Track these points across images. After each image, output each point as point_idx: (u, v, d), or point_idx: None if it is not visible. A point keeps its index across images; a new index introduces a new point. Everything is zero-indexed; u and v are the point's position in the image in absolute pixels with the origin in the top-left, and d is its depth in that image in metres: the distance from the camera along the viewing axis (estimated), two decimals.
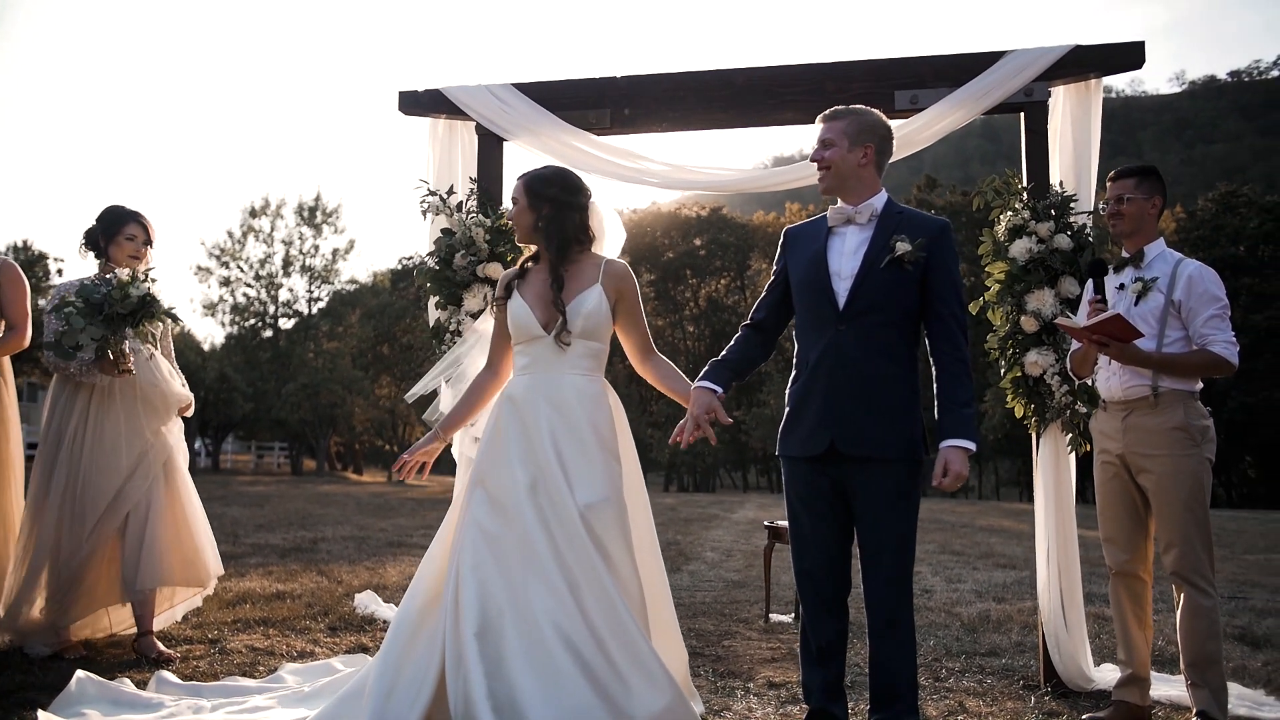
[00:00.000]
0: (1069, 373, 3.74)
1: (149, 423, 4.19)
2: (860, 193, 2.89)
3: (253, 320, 43.70)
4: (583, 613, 2.70)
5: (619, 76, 4.52)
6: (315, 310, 44.43)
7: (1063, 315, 3.82)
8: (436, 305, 4.37)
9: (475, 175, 4.51)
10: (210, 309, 43.30)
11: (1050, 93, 4.11)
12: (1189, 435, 3.23)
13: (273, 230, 43.44)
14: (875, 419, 2.74)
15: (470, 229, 4.26)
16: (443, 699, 2.72)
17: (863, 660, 3.59)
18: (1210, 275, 3.29)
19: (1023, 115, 4.18)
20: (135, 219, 4.28)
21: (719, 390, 2.90)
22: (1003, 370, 4.02)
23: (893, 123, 3.25)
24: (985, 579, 7.60)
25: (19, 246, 38.56)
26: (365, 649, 4.34)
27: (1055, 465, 3.97)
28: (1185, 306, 3.25)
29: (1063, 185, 4.02)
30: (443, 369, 4.19)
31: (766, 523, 5.80)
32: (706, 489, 46.57)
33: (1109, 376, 3.40)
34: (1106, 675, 3.89)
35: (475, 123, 4.53)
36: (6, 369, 4.21)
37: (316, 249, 43.87)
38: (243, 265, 43.15)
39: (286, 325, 44.33)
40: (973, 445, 2.70)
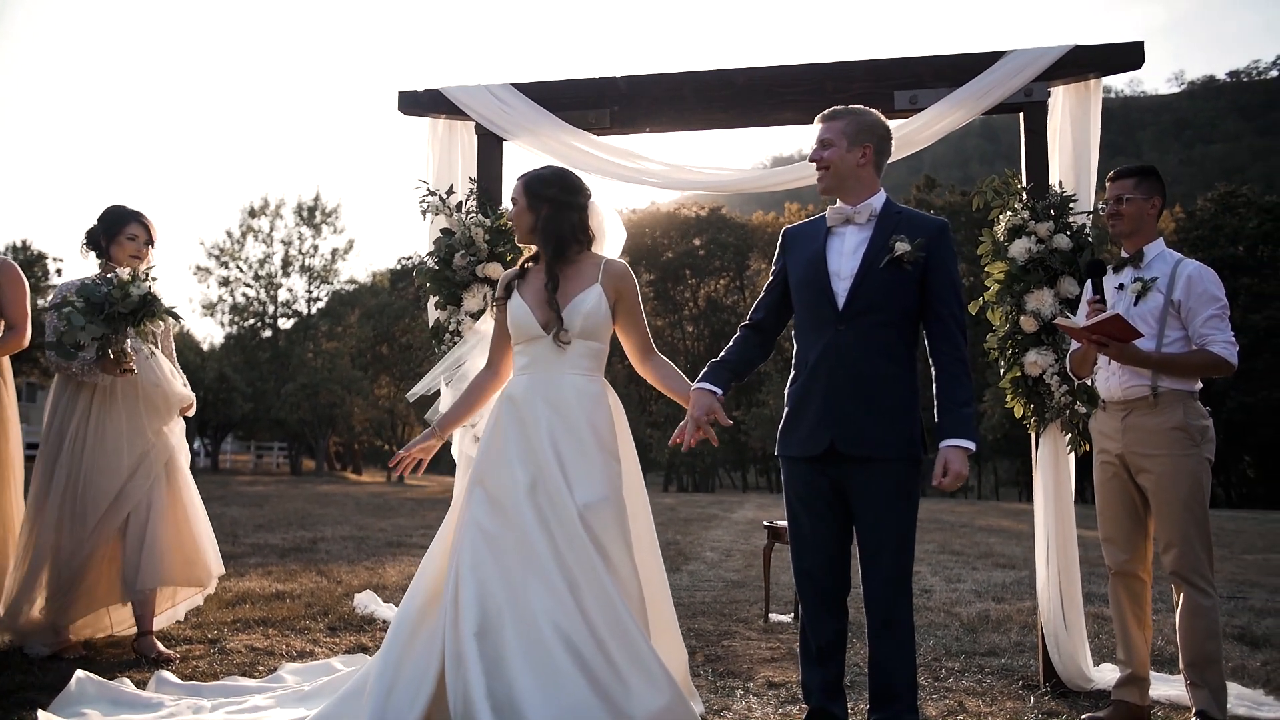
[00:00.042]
0: (1068, 373, 3.74)
1: (151, 422, 4.19)
2: (859, 193, 2.89)
3: (252, 320, 43.66)
4: (582, 612, 2.70)
5: (618, 77, 4.52)
6: (314, 310, 44.39)
7: (1062, 315, 3.82)
8: (436, 305, 4.37)
9: (475, 175, 4.51)
10: (209, 309, 43.25)
11: (1050, 93, 4.11)
12: (1188, 435, 3.24)
13: (272, 230, 43.39)
14: (875, 419, 2.74)
15: (470, 229, 4.26)
16: (442, 698, 2.72)
17: (862, 660, 3.59)
18: (1209, 275, 3.29)
19: (1022, 115, 4.19)
20: (137, 219, 4.28)
21: (718, 392, 2.89)
22: (1002, 370, 4.02)
23: (892, 123, 3.26)
24: (984, 579, 7.60)
25: (18, 246, 38.50)
26: (365, 649, 4.34)
27: (1055, 465, 3.97)
28: (1185, 306, 3.26)
29: (1062, 185, 4.02)
30: (444, 369, 4.19)
31: (766, 522, 5.80)
32: (706, 489, 46.56)
33: (1108, 376, 3.40)
34: (1106, 675, 3.89)
35: (475, 123, 4.53)
36: (6, 369, 4.20)
37: (316, 249, 43.83)
38: (242, 265, 43.10)
39: (286, 325, 44.30)
40: (972, 445, 2.70)
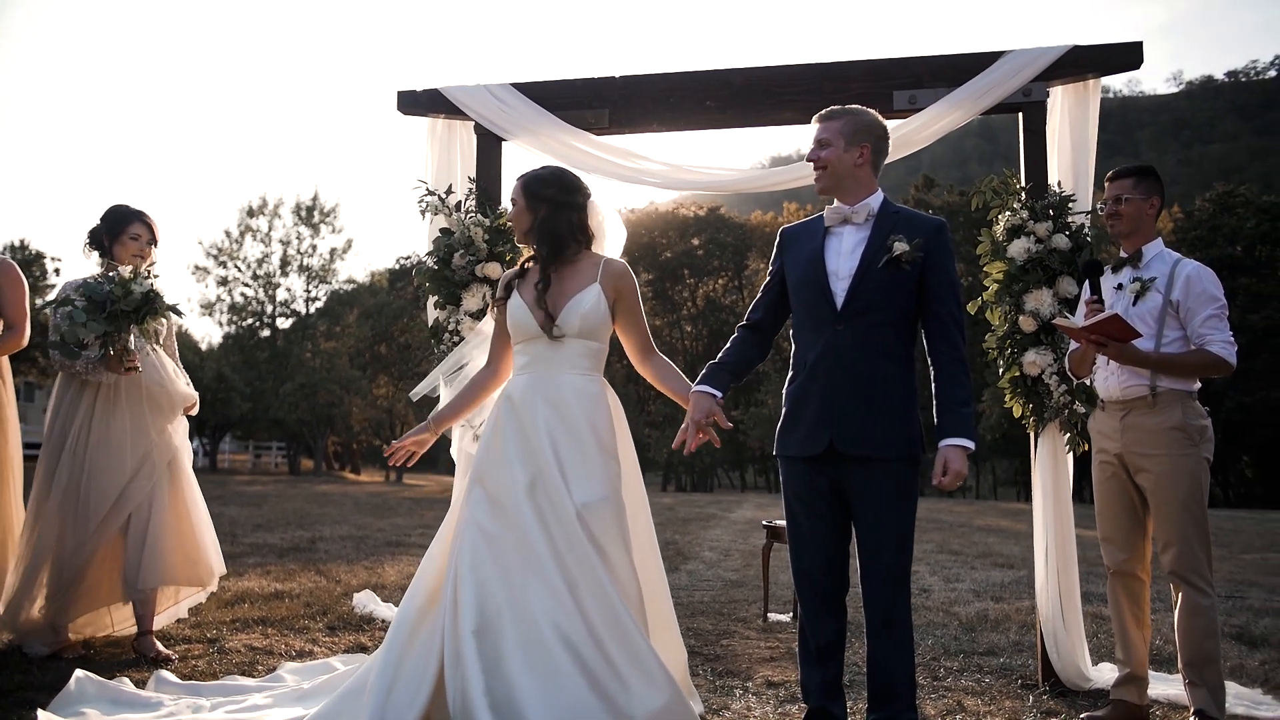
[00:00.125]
0: (1067, 372, 3.74)
1: (154, 422, 4.18)
2: (856, 192, 2.89)
3: (250, 320, 43.58)
4: (581, 612, 2.70)
5: (617, 76, 4.52)
6: (313, 310, 44.31)
7: (1061, 315, 3.82)
8: (435, 305, 4.37)
9: (474, 175, 4.52)
10: (208, 308, 43.17)
11: (1048, 93, 4.12)
12: (1187, 435, 3.24)
13: (270, 230, 43.30)
14: (874, 419, 2.74)
15: (469, 229, 4.26)
16: (442, 697, 2.72)
17: (861, 659, 3.59)
18: (1208, 275, 3.29)
19: (1021, 115, 4.19)
20: (139, 218, 4.27)
21: (718, 395, 2.89)
22: (1001, 370, 4.03)
23: (891, 123, 3.26)
24: (983, 578, 7.60)
25: (16, 246, 38.43)
26: (364, 648, 4.34)
27: (1053, 465, 3.97)
28: (1183, 306, 3.26)
29: (1061, 185, 4.02)
30: (446, 370, 4.18)
31: (765, 522, 5.80)
32: (704, 489, 46.58)
33: (1107, 376, 3.41)
34: (1104, 674, 3.90)
35: (474, 122, 4.53)
36: (5, 369, 4.20)
37: (314, 248, 43.75)
38: (240, 265, 43.01)
39: (284, 325, 44.21)
40: (971, 444, 2.71)
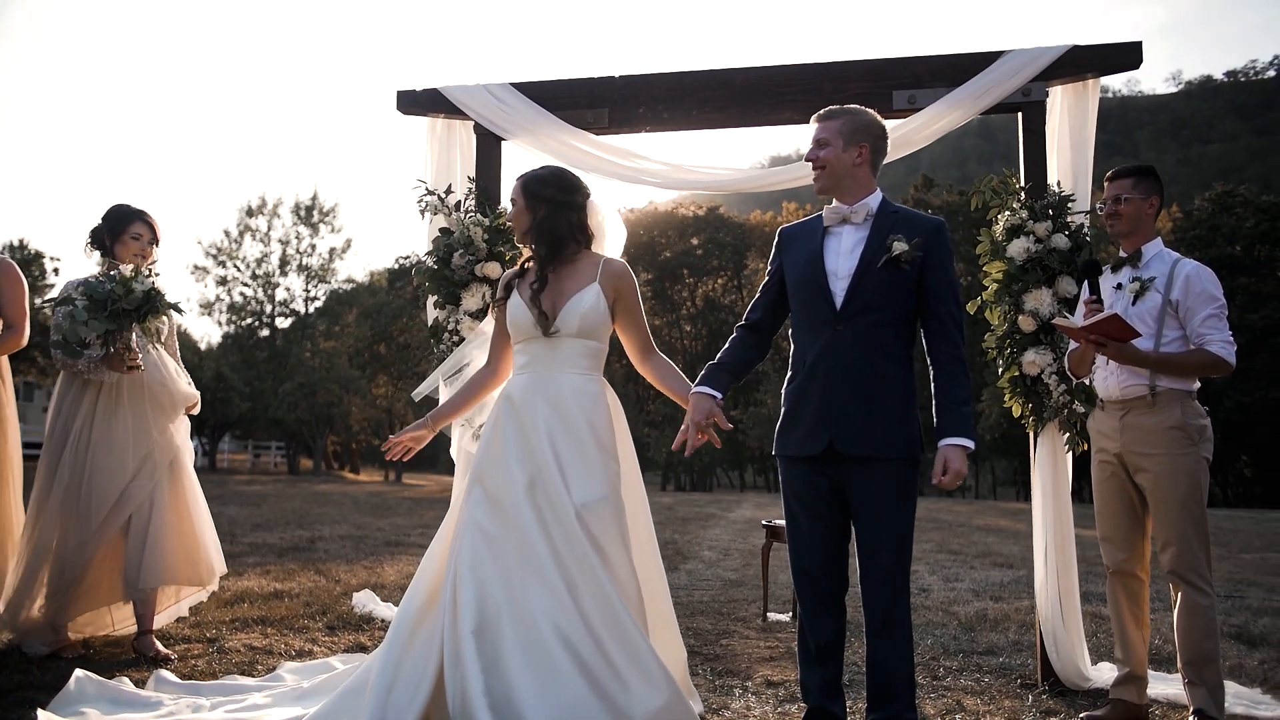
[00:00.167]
0: (1067, 372, 3.74)
1: (156, 421, 4.17)
2: (855, 192, 2.89)
3: (249, 319, 43.56)
4: (580, 612, 2.70)
5: (617, 76, 4.52)
6: (312, 309, 44.30)
7: (1060, 315, 3.82)
8: (435, 305, 4.37)
9: (473, 175, 4.51)
10: (207, 308, 43.16)
11: (1048, 93, 4.12)
12: (1186, 434, 3.24)
13: (269, 229, 43.28)
14: (874, 419, 2.74)
15: (468, 228, 4.26)
16: (441, 696, 2.72)
17: (861, 659, 3.59)
18: (1207, 275, 3.30)
19: (1020, 115, 4.19)
20: (141, 218, 4.27)
21: (717, 396, 2.89)
22: (1000, 369, 4.03)
23: (890, 123, 3.26)
24: (983, 578, 7.60)
25: (15, 245, 38.41)
26: (363, 648, 4.34)
27: (1053, 464, 3.98)
28: (1183, 306, 3.26)
29: (1060, 185, 4.02)
30: (447, 370, 4.18)
31: (764, 522, 5.80)
32: (704, 488, 46.57)
33: (1106, 376, 3.41)
34: (1104, 674, 3.90)
35: (473, 122, 4.53)
36: (4, 368, 4.20)
37: (313, 248, 43.73)
38: (239, 264, 42.99)
39: (283, 324, 44.20)
40: (971, 443, 2.71)
